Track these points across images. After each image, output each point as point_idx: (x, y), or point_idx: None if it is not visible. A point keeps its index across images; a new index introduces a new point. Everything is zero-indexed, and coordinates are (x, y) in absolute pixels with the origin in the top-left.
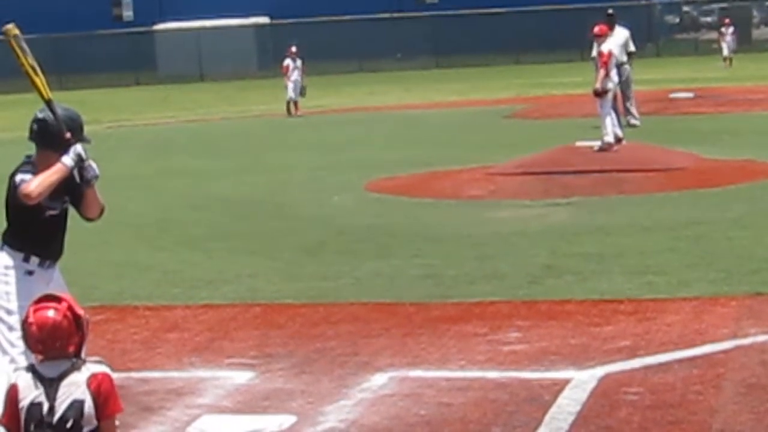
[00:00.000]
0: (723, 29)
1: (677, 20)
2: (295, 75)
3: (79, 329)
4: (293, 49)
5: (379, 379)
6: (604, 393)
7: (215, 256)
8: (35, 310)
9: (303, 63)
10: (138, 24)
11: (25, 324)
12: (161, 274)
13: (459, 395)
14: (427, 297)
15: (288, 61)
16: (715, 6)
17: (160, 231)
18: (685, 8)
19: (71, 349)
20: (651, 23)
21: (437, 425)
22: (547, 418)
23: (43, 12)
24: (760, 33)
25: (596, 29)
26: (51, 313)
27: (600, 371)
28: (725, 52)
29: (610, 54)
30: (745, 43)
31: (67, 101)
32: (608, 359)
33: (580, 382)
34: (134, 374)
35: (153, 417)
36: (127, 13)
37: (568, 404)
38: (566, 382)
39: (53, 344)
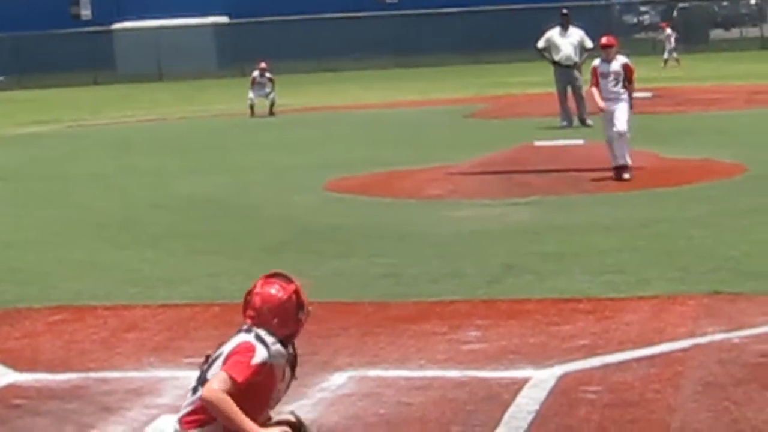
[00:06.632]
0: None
1: (635, 20)
2: (257, 89)
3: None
4: (263, 65)
5: (338, 379)
6: (563, 392)
7: (176, 256)
8: (263, 284)
9: (271, 79)
10: (96, 23)
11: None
12: (121, 273)
13: (418, 394)
14: (387, 296)
15: (255, 74)
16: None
17: (121, 230)
18: (643, 8)
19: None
20: (610, 23)
21: (396, 425)
22: (506, 417)
23: (1, 11)
24: (717, 33)
25: (604, 40)
26: (274, 290)
27: (559, 370)
28: (666, 54)
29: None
30: (702, 43)
31: (25, 100)
32: (567, 358)
33: (539, 381)
34: (93, 374)
35: (112, 417)
36: (85, 12)
37: (527, 403)
38: (525, 380)
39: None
